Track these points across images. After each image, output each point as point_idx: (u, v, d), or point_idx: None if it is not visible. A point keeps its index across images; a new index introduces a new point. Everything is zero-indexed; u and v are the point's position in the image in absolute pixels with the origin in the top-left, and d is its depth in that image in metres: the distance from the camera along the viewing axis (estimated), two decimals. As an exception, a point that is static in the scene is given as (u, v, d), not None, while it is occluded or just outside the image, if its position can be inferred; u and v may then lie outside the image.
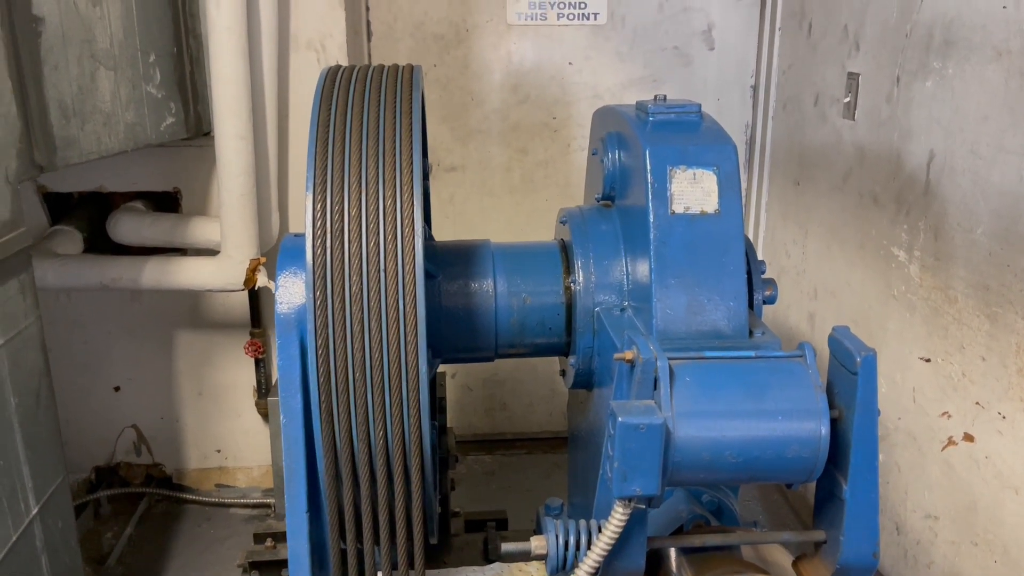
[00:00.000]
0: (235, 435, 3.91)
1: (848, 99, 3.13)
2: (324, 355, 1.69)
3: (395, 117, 1.81)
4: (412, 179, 1.72)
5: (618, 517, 1.54)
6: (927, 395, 2.68)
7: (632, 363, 1.57)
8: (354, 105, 1.84)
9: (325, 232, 1.68)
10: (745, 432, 1.53)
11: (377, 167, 1.72)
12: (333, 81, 1.91)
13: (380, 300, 1.67)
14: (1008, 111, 2.24)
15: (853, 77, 3.10)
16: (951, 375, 2.55)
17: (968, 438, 2.48)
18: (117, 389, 3.81)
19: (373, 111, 1.82)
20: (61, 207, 3.48)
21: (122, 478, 3.92)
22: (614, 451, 1.47)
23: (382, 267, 1.67)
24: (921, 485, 2.72)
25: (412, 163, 1.73)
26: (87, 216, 3.48)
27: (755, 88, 4.01)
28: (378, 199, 1.70)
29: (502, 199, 4.10)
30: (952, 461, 2.56)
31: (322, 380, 1.70)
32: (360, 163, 1.74)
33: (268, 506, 3.81)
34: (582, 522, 1.68)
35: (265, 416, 3.78)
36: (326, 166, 1.73)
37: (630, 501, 1.52)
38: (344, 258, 1.68)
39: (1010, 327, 2.26)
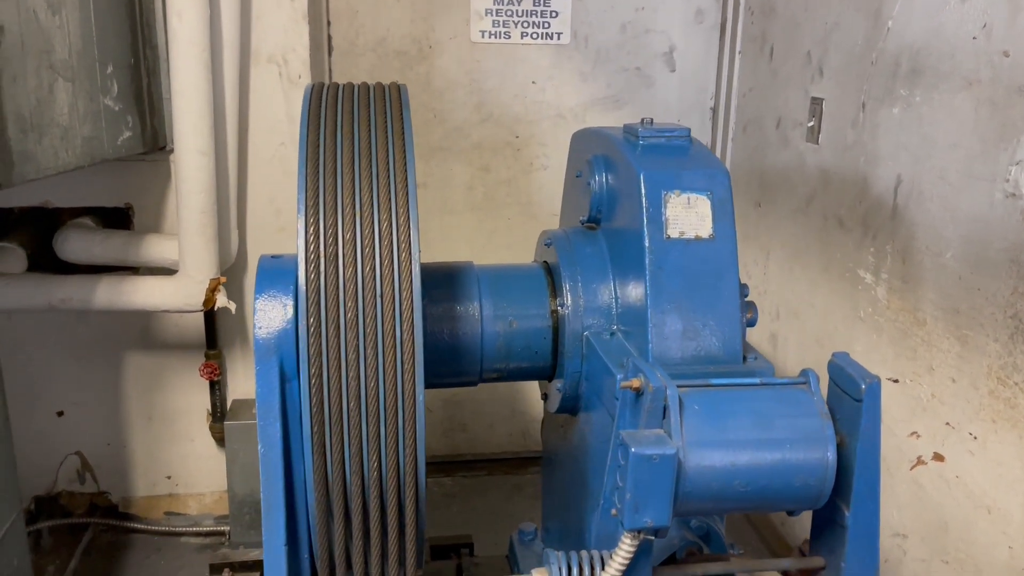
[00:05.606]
0: (187, 460, 3.75)
1: (812, 123, 3.19)
2: (317, 384, 1.62)
3: (387, 138, 1.76)
4: (408, 202, 1.67)
5: (626, 549, 1.51)
6: (895, 415, 2.72)
7: (639, 391, 1.55)
8: (343, 125, 1.78)
9: (319, 256, 1.62)
10: (754, 461, 1.52)
11: (372, 189, 1.67)
12: (319, 100, 1.85)
13: (376, 327, 1.62)
14: (978, 139, 2.31)
15: (817, 102, 3.16)
16: (920, 396, 2.60)
17: (938, 458, 2.53)
18: (60, 414, 3.63)
19: (364, 132, 1.76)
20: (1, 223, 3.31)
21: (63, 507, 3.73)
22: (625, 482, 1.44)
23: (379, 292, 1.62)
24: (890, 504, 2.76)
25: (407, 185, 1.68)
26: (30, 232, 3.31)
27: (715, 110, 4.06)
28: (374, 222, 1.65)
29: (464, 217, 4.06)
30: (921, 480, 2.61)
31: (315, 410, 1.63)
32: (353, 185, 1.68)
33: (222, 534, 3.67)
34: (584, 553, 1.65)
35: (220, 440, 3.64)
36: (318, 188, 1.67)
37: (639, 533, 1.49)
38: (339, 283, 1.62)
39: (981, 349, 2.32)
